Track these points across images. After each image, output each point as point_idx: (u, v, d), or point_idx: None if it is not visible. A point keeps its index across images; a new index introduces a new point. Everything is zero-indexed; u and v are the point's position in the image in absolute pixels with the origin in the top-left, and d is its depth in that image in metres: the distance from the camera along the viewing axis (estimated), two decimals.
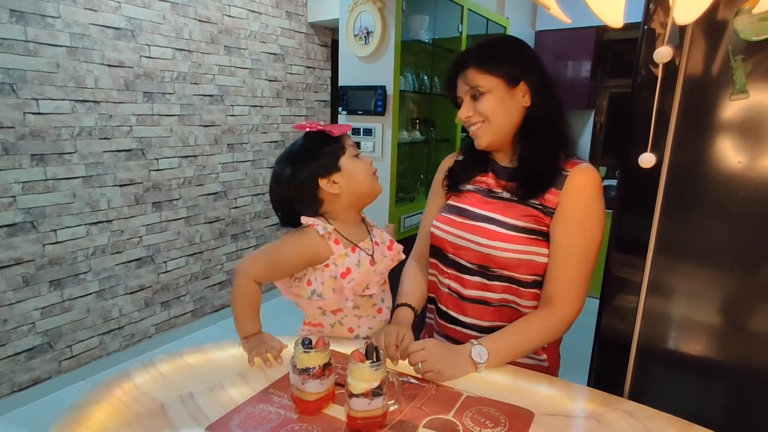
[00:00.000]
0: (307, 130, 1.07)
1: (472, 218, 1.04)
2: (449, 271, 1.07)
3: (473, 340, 0.95)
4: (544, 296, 0.99)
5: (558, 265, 0.97)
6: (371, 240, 1.12)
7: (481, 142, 1.02)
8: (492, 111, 0.98)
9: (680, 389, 1.10)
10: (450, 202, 1.11)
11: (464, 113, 1.02)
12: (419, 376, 0.91)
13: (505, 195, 1.03)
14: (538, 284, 1.01)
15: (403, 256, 1.19)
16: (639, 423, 0.81)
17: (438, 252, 1.10)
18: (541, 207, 0.99)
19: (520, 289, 1.01)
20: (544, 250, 0.98)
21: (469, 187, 1.09)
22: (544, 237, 0.99)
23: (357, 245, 1.08)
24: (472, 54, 1.01)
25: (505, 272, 1.00)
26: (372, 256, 1.09)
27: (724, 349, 1.03)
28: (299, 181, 1.05)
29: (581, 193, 0.96)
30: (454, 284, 1.07)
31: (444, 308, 1.09)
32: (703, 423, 0.80)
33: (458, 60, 1.03)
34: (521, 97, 0.99)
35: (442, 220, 1.09)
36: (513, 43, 1.03)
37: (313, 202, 1.07)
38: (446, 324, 1.09)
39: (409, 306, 1.09)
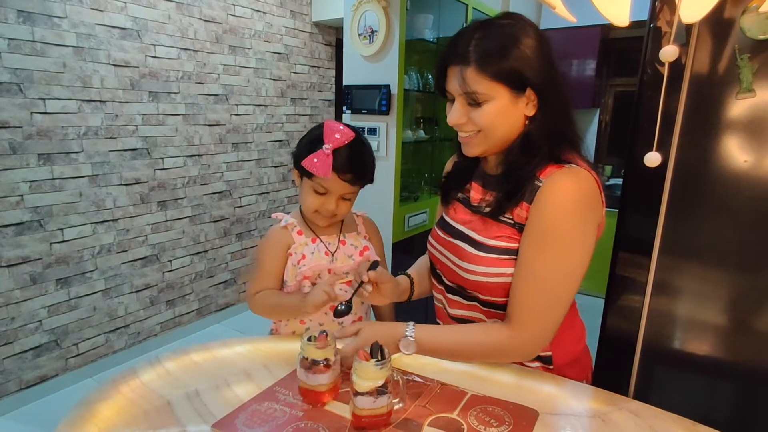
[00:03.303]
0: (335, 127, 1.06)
1: (451, 234, 0.96)
2: (439, 286, 1.04)
3: (410, 328, 0.87)
4: (507, 313, 0.88)
5: (518, 288, 0.85)
6: (338, 237, 1.16)
7: (472, 151, 0.90)
8: (490, 123, 0.84)
9: (685, 389, 1.10)
10: (442, 213, 1.05)
11: (455, 118, 0.86)
12: (425, 375, 0.92)
13: (482, 208, 0.92)
14: None
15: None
16: (644, 422, 0.81)
17: (431, 265, 1.08)
18: (512, 223, 0.87)
19: (501, 312, 0.91)
20: None
21: (459, 195, 1.01)
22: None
23: (318, 237, 1.14)
24: (473, 49, 0.82)
25: (480, 295, 0.92)
26: (329, 249, 1.13)
27: (729, 349, 1.03)
28: (298, 148, 1.11)
29: (546, 207, 0.82)
30: (444, 300, 1.03)
31: (439, 323, 1.07)
32: (709, 423, 0.80)
33: (456, 51, 0.84)
34: (525, 105, 0.85)
35: (432, 234, 1.05)
36: (523, 37, 0.83)
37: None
38: None
39: (407, 275, 1.10)
